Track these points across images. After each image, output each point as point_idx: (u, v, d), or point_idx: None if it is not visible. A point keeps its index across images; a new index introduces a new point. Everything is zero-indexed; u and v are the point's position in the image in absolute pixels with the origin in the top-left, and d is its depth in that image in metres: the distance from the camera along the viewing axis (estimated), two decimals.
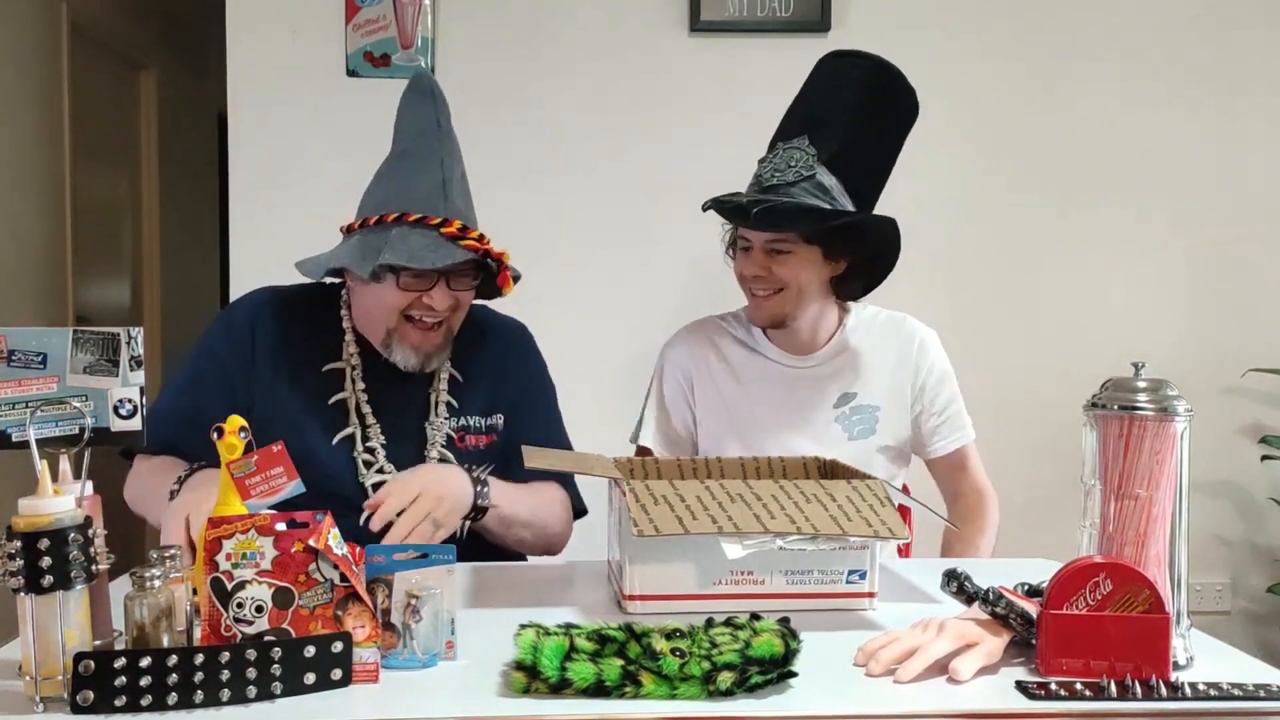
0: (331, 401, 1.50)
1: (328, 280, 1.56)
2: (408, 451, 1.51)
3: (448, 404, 1.55)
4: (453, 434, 1.54)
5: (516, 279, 1.56)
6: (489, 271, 1.53)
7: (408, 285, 1.45)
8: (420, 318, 1.47)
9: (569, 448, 1.64)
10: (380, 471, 1.48)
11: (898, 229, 1.66)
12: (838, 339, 1.77)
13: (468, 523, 1.42)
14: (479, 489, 1.41)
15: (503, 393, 1.60)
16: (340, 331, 1.54)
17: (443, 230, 1.41)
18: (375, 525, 1.28)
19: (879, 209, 1.69)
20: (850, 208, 1.61)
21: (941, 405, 1.77)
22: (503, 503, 1.44)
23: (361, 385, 1.51)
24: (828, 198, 1.59)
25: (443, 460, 1.51)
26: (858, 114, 1.63)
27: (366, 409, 1.51)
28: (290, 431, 1.26)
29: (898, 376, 1.76)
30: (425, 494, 1.32)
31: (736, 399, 1.77)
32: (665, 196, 2.51)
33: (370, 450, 1.49)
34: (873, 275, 1.71)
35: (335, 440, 1.49)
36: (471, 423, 1.56)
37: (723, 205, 1.65)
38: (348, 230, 1.49)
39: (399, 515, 1.29)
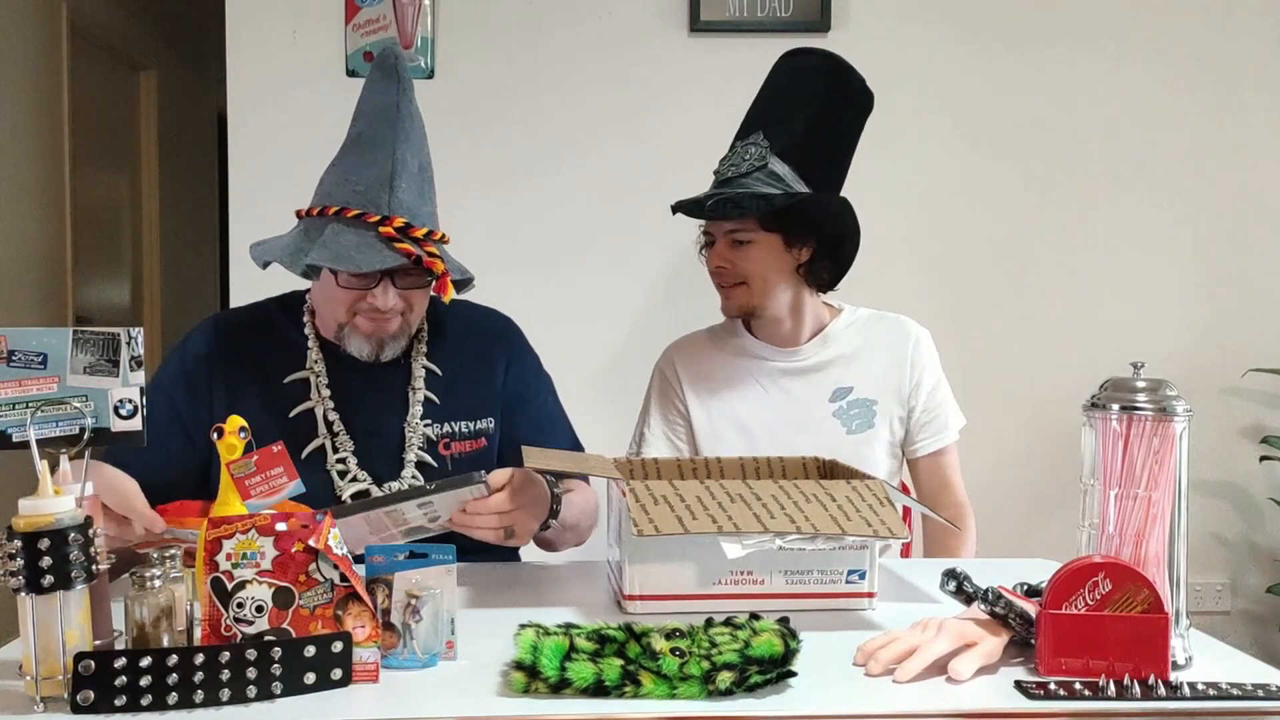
0: (294, 414, 1.43)
1: (297, 284, 1.52)
2: (384, 456, 1.45)
3: (426, 400, 1.48)
4: (434, 439, 1.48)
5: (467, 282, 1.49)
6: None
7: (348, 284, 1.39)
8: (368, 315, 1.41)
9: (574, 439, 1.62)
10: (355, 481, 1.42)
11: (851, 209, 1.72)
12: (826, 332, 1.79)
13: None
14: (554, 507, 1.36)
15: (491, 394, 1.54)
16: (304, 339, 1.49)
17: (380, 229, 1.34)
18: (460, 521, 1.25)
19: (864, 201, 1.74)
20: (805, 192, 1.66)
21: (934, 403, 1.78)
22: (567, 518, 1.41)
23: (328, 393, 1.45)
24: (780, 185, 1.65)
25: (420, 464, 1.45)
26: (808, 105, 1.70)
27: (334, 416, 1.44)
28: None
29: (893, 371, 1.77)
30: (523, 509, 1.28)
31: (732, 400, 1.78)
32: (665, 195, 2.50)
33: (342, 460, 1.43)
34: (839, 261, 1.74)
35: (304, 454, 1.41)
36: (457, 428, 1.50)
37: (682, 203, 1.72)
38: (301, 215, 1.44)
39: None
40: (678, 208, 1.73)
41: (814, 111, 1.69)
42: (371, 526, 1.26)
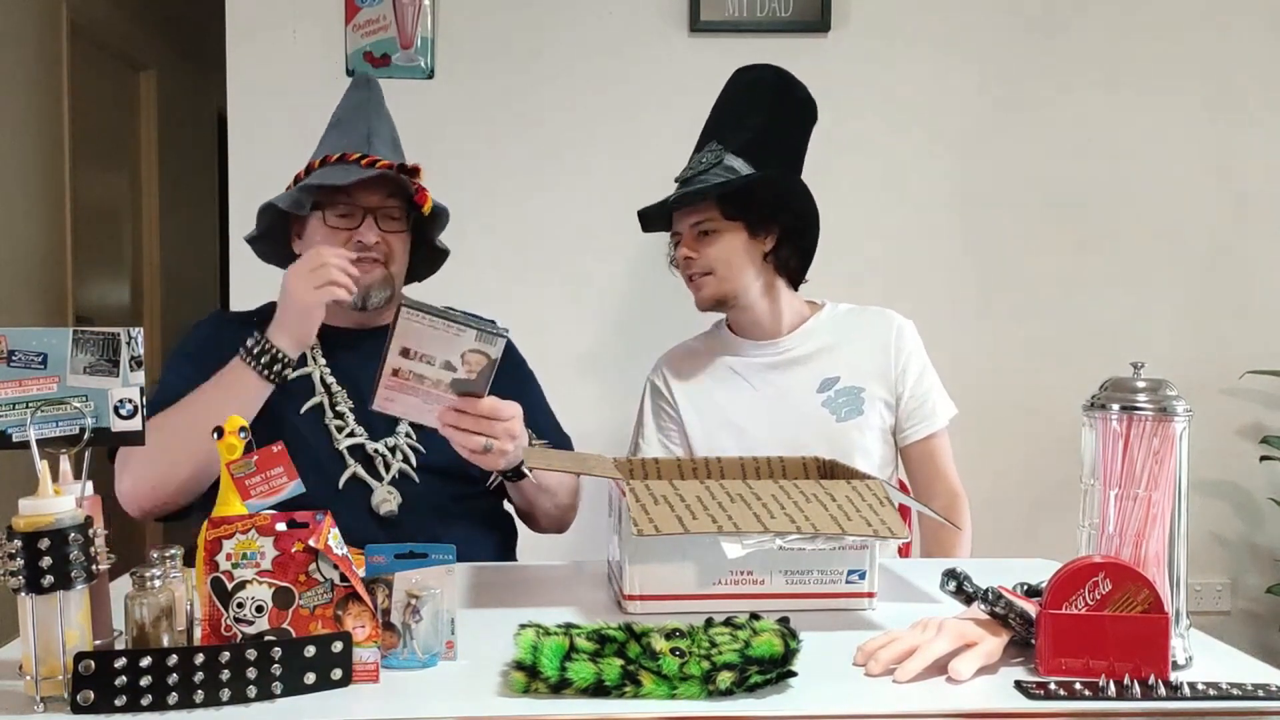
0: (294, 376, 1.53)
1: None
2: (378, 414, 1.52)
3: None
4: None
5: (444, 212, 1.61)
6: (428, 224, 1.59)
7: (335, 224, 1.53)
8: (356, 258, 1.51)
9: (562, 434, 1.69)
10: (352, 435, 1.52)
11: (809, 192, 1.76)
12: (809, 324, 1.82)
13: (499, 477, 1.49)
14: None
15: None
16: None
17: (361, 163, 1.50)
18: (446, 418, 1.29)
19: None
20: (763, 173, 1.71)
21: (922, 390, 1.80)
22: (543, 479, 1.52)
23: (323, 361, 1.56)
24: (738, 174, 1.70)
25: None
26: (758, 112, 1.76)
27: (331, 379, 1.55)
28: (263, 412, 1.39)
29: (879, 359, 1.79)
30: (510, 423, 1.33)
31: (722, 400, 1.81)
32: (665, 195, 2.50)
33: (340, 415, 1.53)
34: (805, 246, 1.79)
35: (303, 410, 1.52)
36: None
37: (647, 209, 1.79)
38: (290, 188, 1.58)
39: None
40: (642, 214, 1.78)
41: (766, 116, 1.75)
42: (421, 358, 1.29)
